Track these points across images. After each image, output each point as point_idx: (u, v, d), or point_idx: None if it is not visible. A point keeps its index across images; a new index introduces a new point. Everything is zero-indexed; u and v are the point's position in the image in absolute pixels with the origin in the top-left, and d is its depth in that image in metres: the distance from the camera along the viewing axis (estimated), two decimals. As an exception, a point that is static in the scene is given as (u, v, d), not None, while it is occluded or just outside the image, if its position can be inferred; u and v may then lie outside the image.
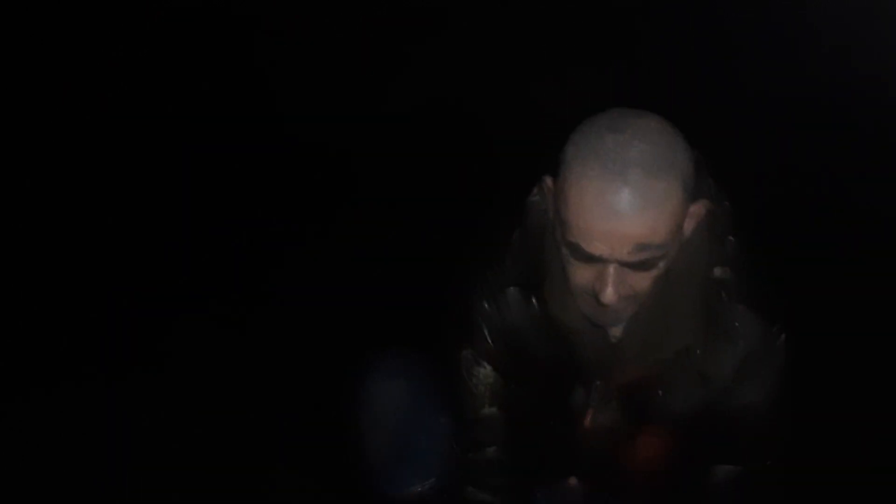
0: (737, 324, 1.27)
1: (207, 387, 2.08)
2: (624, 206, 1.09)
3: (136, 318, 2.22)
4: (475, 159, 2.32)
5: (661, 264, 1.16)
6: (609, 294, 1.15)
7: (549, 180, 1.21)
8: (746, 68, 2.21)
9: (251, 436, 2.00)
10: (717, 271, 1.27)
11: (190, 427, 2.01)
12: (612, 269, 1.14)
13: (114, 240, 2.40)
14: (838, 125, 2.10)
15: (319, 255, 2.35)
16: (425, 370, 1.65)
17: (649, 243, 1.12)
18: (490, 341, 1.41)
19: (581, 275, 1.18)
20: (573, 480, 1.50)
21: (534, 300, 1.34)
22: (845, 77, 2.09)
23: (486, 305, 1.38)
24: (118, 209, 2.48)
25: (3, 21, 2.58)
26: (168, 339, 2.20)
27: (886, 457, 1.82)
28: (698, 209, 1.20)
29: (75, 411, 2.04)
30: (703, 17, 2.19)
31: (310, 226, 2.44)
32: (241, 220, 2.47)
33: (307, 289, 2.28)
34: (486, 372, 1.44)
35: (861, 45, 2.04)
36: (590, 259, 1.15)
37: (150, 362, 2.15)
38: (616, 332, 1.28)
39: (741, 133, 2.15)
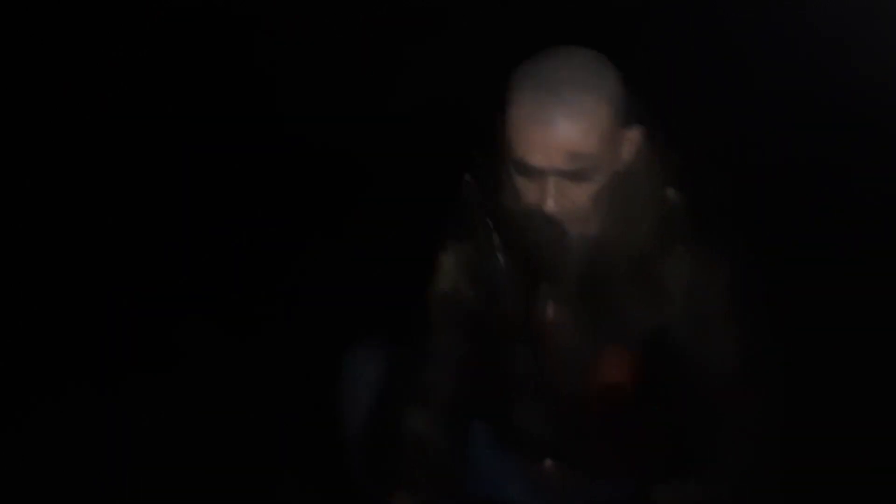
0: (689, 238, 1.38)
1: (210, 387, 2.09)
2: (555, 116, 1.26)
3: (138, 319, 2.22)
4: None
5: (597, 178, 1.30)
6: (550, 204, 1.29)
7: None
8: (748, 65, 2.21)
9: (254, 436, 2.00)
10: (670, 192, 1.39)
11: (192, 428, 2.01)
12: (551, 180, 1.29)
13: (115, 240, 2.40)
14: (840, 123, 2.10)
15: (319, 254, 2.35)
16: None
17: (581, 152, 1.27)
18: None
19: (527, 194, 1.32)
20: (549, 463, 1.54)
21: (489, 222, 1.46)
22: (848, 73, 2.09)
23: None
24: (118, 209, 2.48)
25: (3, 21, 2.58)
26: (170, 340, 2.20)
27: (884, 455, 1.83)
28: (635, 135, 1.34)
29: (77, 413, 2.04)
30: (704, 17, 2.19)
31: (310, 225, 2.44)
32: (241, 220, 2.48)
33: (308, 288, 2.28)
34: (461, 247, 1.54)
35: (863, 42, 2.04)
36: (532, 172, 1.29)
37: (153, 363, 2.15)
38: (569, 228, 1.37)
39: (742, 132, 2.16)
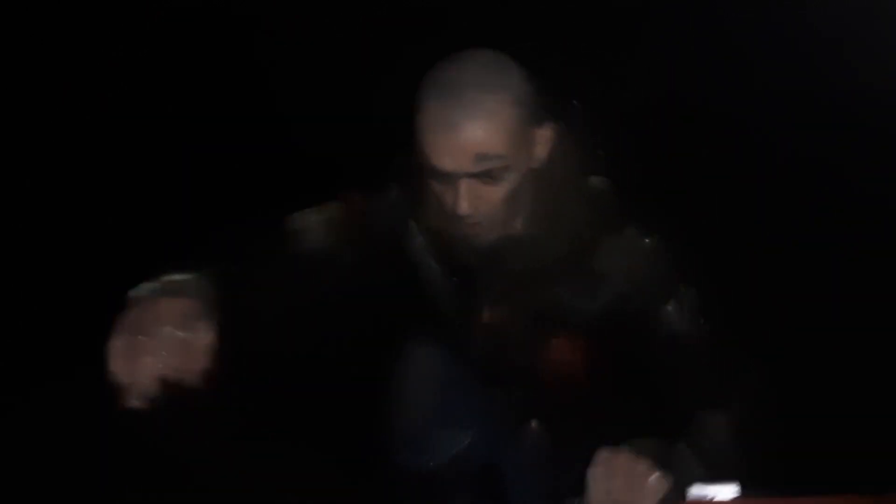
0: (620, 224, 1.40)
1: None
2: (458, 119, 1.26)
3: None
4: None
5: (510, 177, 1.31)
6: (463, 206, 1.29)
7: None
8: (748, 65, 2.21)
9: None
10: (594, 181, 1.43)
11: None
12: (462, 183, 1.29)
13: (116, 241, 2.40)
14: (840, 123, 2.10)
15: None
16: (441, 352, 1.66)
17: (488, 153, 1.28)
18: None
19: (444, 198, 1.33)
20: (534, 424, 1.55)
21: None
22: (848, 73, 2.09)
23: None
24: (119, 210, 2.48)
25: (3, 21, 2.58)
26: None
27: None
28: (548, 132, 1.35)
29: (76, 409, 2.04)
30: (704, 16, 2.19)
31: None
32: (240, 220, 2.47)
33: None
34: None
35: (863, 41, 2.05)
36: (443, 176, 1.30)
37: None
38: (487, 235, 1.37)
39: (743, 131, 2.16)
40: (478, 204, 1.31)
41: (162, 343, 1.07)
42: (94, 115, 2.60)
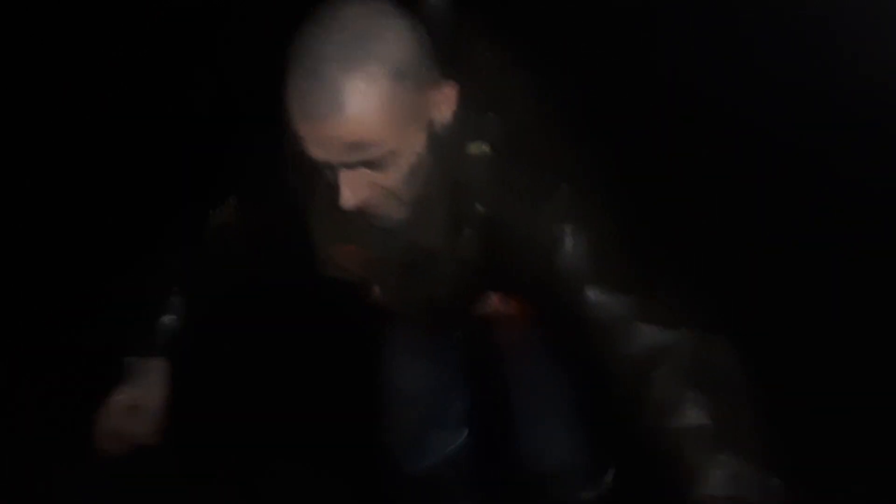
0: (505, 192, 1.19)
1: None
2: (320, 108, 1.03)
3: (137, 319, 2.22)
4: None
5: (399, 161, 1.10)
6: (344, 199, 1.09)
7: None
8: (754, 61, 2.21)
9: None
10: (475, 147, 1.19)
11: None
12: (341, 174, 1.09)
13: (116, 241, 2.39)
14: (841, 122, 2.10)
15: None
16: (442, 349, 1.66)
17: (362, 142, 1.06)
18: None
19: (331, 181, 1.12)
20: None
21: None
22: (850, 71, 2.09)
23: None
24: (119, 210, 2.48)
25: (3, 21, 2.57)
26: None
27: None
28: (450, 90, 1.13)
29: (74, 404, 2.04)
30: (709, 12, 2.18)
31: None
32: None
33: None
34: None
35: (864, 41, 2.04)
36: (323, 165, 1.10)
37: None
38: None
39: (744, 129, 2.15)
40: (365, 193, 1.10)
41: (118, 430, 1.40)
42: (94, 115, 2.60)
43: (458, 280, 1.29)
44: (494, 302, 1.43)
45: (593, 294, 1.15)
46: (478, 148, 1.19)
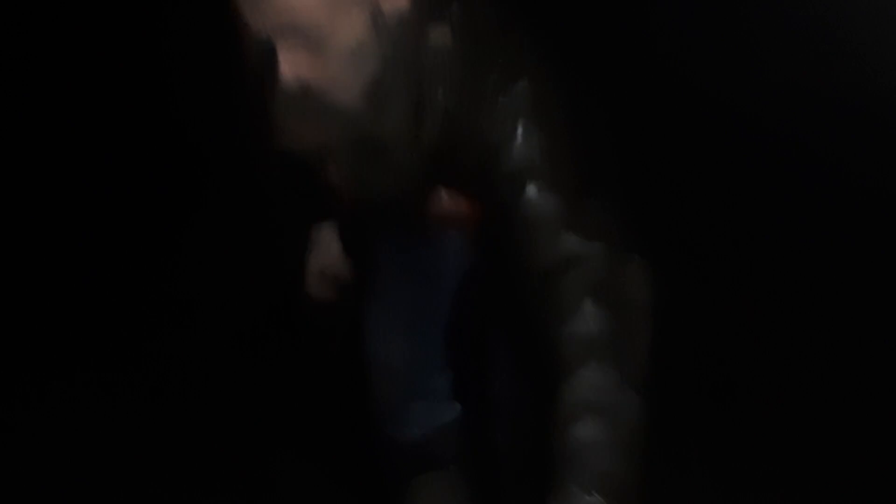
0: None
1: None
2: None
3: (138, 319, 2.23)
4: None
5: (339, 44, 1.12)
6: (283, 71, 1.12)
7: None
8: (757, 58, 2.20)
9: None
10: (436, 34, 1.19)
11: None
12: (280, 53, 1.11)
13: (116, 241, 2.39)
14: (843, 121, 2.10)
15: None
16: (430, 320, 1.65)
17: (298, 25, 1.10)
18: None
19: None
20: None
21: None
22: (852, 71, 2.09)
23: None
24: (118, 210, 2.47)
25: (3, 21, 2.57)
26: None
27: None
28: None
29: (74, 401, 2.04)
30: (711, 8, 2.18)
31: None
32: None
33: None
34: None
35: (865, 40, 2.04)
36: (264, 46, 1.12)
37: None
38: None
39: (746, 127, 2.15)
40: (304, 72, 1.15)
41: None
42: (94, 115, 2.60)
43: (414, 172, 1.29)
44: (445, 200, 1.39)
45: (531, 190, 1.20)
46: (442, 36, 1.20)
